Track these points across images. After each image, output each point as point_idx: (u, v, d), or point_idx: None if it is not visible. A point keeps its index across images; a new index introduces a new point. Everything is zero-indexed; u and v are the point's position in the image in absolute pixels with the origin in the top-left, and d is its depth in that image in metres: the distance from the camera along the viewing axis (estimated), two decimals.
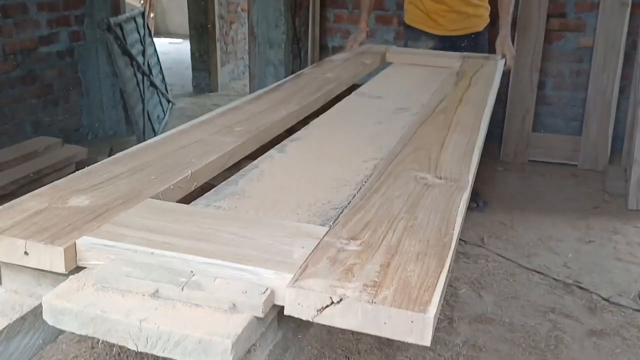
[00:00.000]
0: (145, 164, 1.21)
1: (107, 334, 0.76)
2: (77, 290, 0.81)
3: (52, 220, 0.94)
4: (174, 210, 1.02)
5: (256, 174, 1.28)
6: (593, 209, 3.40)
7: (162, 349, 0.74)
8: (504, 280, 2.67)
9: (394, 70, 2.54)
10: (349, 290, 0.77)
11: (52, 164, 3.41)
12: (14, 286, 0.93)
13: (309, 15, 4.43)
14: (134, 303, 0.78)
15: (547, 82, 4.10)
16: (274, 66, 4.34)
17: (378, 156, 1.40)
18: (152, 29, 6.72)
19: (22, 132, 3.88)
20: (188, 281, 0.80)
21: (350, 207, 1.06)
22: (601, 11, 3.86)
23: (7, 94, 3.77)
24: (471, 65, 2.46)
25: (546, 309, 2.44)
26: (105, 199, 1.03)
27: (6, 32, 3.73)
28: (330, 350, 2.15)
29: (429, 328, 0.73)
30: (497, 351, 2.18)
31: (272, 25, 4.23)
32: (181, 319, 0.75)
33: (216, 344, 0.72)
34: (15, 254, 0.88)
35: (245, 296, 0.77)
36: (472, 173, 1.28)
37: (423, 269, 0.84)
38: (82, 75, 4.40)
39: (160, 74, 5.48)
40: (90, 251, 0.88)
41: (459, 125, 1.59)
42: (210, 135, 1.42)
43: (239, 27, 7.37)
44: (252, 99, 1.82)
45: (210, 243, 0.89)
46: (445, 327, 2.30)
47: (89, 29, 4.38)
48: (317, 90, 1.95)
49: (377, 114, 1.77)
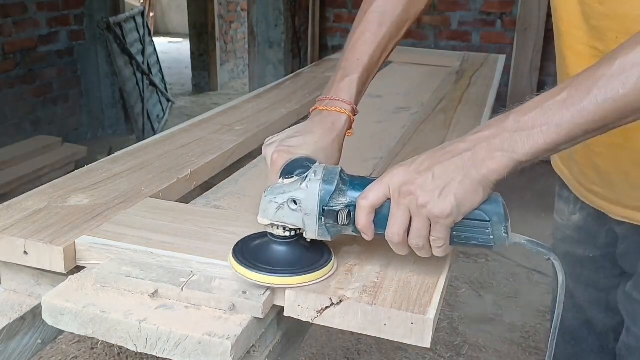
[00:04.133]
0: (145, 163, 1.21)
1: (107, 334, 0.76)
2: (76, 290, 0.81)
3: (51, 219, 0.93)
4: (173, 209, 1.02)
5: (256, 173, 1.28)
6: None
7: (162, 349, 0.73)
8: (504, 280, 2.67)
9: (393, 69, 2.54)
10: (349, 291, 0.77)
11: (52, 163, 3.42)
12: (13, 286, 0.92)
13: (309, 15, 4.43)
14: (133, 303, 0.78)
15: (547, 81, 4.10)
16: (273, 65, 4.35)
17: (378, 155, 1.40)
18: (151, 29, 6.73)
19: (22, 131, 3.88)
20: (188, 281, 0.80)
21: None
22: None
23: (6, 93, 3.77)
24: (471, 65, 2.46)
25: (546, 309, 2.44)
26: (105, 198, 1.03)
27: (6, 32, 3.73)
28: (331, 350, 2.15)
29: (429, 330, 0.73)
30: (497, 351, 2.18)
31: (271, 24, 4.23)
32: (181, 319, 0.75)
33: (216, 345, 0.71)
34: (14, 253, 0.87)
35: (245, 297, 0.77)
36: None
37: (423, 269, 0.84)
38: (81, 75, 4.40)
39: (159, 73, 5.49)
40: (89, 251, 0.87)
41: (459, 125, 1.59)
42: (210, 134, 1.42)
43: (238, 26, 7.38)
44: (252, 98, 1.81)
45: (210, 243, 0.88)
46: (445, 327, 2.30)
47: (88, 29, 4.38)
48: (317, 89, 1.95)
49: (376, 113, 1.77)
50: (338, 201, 0.77)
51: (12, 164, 3.30)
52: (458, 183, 0.71)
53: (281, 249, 0.80)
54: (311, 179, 0.77)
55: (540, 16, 3.94)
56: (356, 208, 0.76)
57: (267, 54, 4.33)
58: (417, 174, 0.72)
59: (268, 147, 0.91)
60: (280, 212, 0.78)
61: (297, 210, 0.77)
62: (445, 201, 0.70)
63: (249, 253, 0.80)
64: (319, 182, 0.77)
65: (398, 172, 0.74)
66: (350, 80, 0.97)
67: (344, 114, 0.95)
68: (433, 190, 0.71)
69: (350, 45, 1.00)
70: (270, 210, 0.78)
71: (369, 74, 1.00)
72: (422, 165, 0.73)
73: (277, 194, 0.78)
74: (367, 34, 0.99)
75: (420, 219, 0.72)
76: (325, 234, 0.78)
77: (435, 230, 0.72)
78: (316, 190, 0.77)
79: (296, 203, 0.77)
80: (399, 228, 0.73)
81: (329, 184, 0.77)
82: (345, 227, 0.78)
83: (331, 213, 0.76)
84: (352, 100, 0.96)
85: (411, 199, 0.72)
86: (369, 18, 1.00)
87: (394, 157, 1.33)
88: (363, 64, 0.98)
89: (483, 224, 0.74)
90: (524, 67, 3.97)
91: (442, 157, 0.73)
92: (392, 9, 1.00)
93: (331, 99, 0.96)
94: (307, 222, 0.77)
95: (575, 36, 0.98)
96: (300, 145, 0.89)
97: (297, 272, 0.77)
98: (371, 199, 0.74)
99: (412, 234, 0.74)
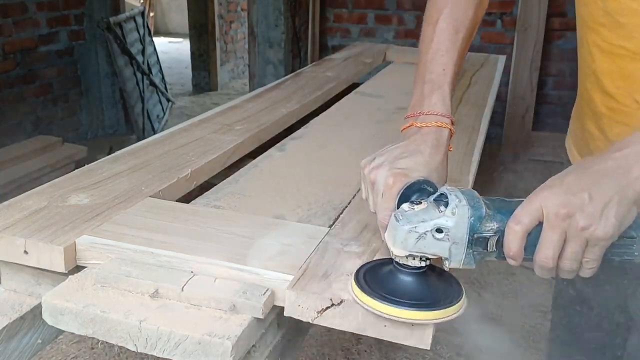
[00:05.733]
0: (145, 163, 1.21)
1: (107, 334, 0.76)
2: (76, 290, 0.81)
3: (51, 218, 0.93)
4: (173, 209, 1.02)
5: (256, 173, 1.28)
6: None
7: (162, 349, 0.73)
8: (504, 279, 2.67)
9: (394, 69, 2.54)
10: (350, 292, 0.77)
11: (52, 163, 3.42)
12: (13, 285, 0.92)
13: (309, 15, 4.43)
14: (133, 303, 0.78)
15: (547, 81, 4.10)
16: (273, 65, 4.34)
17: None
18: (151, 28, 6.73)
19: (22, 131, 3.88)
20: (188, 281, 0.80)
21: (350, 207, 1.06)
22: None
23: (6, 93, 3.77)
24: (471, 65, 2.46)
25: (546, 309, 2.44)
26: (105, 198, 1.03)
27: (6, 32, 3.73)
28: (330, 350, 2.15)
29: (429, 331, 0.73)
30: (497, 351, 2.18)
31: (271, 24, 4.23)
32: (181, 319, 0.75)
33: (216, 345, 0.71)
34: (14, 252, 0.87)
35: (245, 297, 0.77)
36: (472, 173, 1.28)
37: None
38: (81, 75, 4.40)
39: (160, 73, 5.49)
40: (89, 250, 0.87)
41: (459, 125, 1.59)
42: (210, 133, 1.42)
43: (238, 26, 7.38)
44: (252, 98, 1.81)
45: (211, 243, 0.88)
46: (445, 327, 2.30)
47: (88, 29, 4.38)
48: (317, 89, 1.95)
49: (377, 113, 1.77)
50: (487, 227, 0.72)
51: (12, 164, 3.30)
52: (616, 204, 0.69)
53: (413, 279, 0.75)
54: (457, 204, 0.71)
55: (540, 16, 3.94)
56: (506, 233, 0.71)
57: (267, 54, 4.33)
58: (572, 195, 0.69)
59: (378, 171, 0.83)
60: (421, 241, 0.72)
61: (442, 240, 0.72)
62: (607, 223, 0.69)
63: (375, 284, 0.75)
64: (467, 208, 0.71)
65: (550, 194, 0.70)
66: (443, 92, 0.93)
67: (445, 129, 0.90)
68: (593, 212, 0.68)
69: (429, 57, 0.96)
70: (410, 240, 0.72)
71: (455, 83, 0.97)
72: (575, 186, 0.70)
73: (416, 223, 0.72)
74: (446, 42, 0.97)
75: (578, 242, 0.70)
76: (470, 262, 0.73)
77: (591, 252, 0.70)
78: (465, 217, 0.71)
79: (441, 231, 0.71)
80: (553, 252, 0.70)
81: (477, 209, 0.72)
82: (491, 254, 0.73)
83: (481, 240, 0.72)
84: (448, 112, 0.92)
85: (570, 222, 0.69)
86: (442, 27, 0.97)
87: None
88: (450, 74, 0.95)
89: (630, 241, 0.73)
90: (524, 67, 3.97)
91: (594, 177, 0.71)
92: (464, 14, 0.98)
93: (427, 114, 0.91)
94: (453, 252, 0.72)
95: (600, 33, 0.97)
96: (414, 168, 0.83)
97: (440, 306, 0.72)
98: (525, 224, 0.70)
99: (567, 257, 0.71)
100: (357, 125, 1.64)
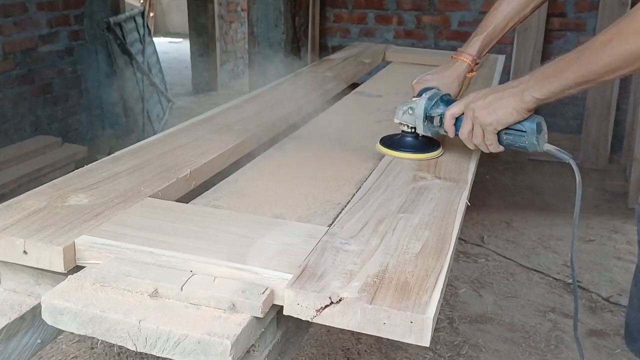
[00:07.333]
0: (145, 163, 1.21)
1: (106, 333, 0.76)
2: (76, 290, 0.81)
3: (51, 219, 0.93)
4: (173, 209, 1.02)
5: (255, 173, 1.28)
6: (593, 208, 3.40)
7: (162, 349, 0.73)
8: (504, 279, 2.67)
9: (393, 69, 2.54)
10: (348, 290, 0.77)
11: (52, 163, 3.41)
12: (13, 285, 0.92)
13: (309, 15, 4.43)
14: (133, 302, 0.78)
15: None
16: (273, 65, 4.34)
17: (378, 155, 1.40)
18: (151, 28, 6.72)
19: (22, 131, 3.88)
20: (187, 280, 0.80)
21: (349, 206, 1.06)
22: (601, 11, 3.85)
23: (6, 93, 3.76)
24: None
25: (546, 309, 2.44)
26: (105, 198, 1.03)
27: (6, 32, 3.73)
28: (330, 350, 2.15)
29: (428, 328, 0.73)
30: (497, 351, 2.18)
31: (271, 25, 4.22)
32: (180, 319, 0.75)
33: (215, 344, 0.71)
34: (14, 253, 0.87)
35: (244, 296, 0.77)
36: (471, 172, 1.28)
37: (422, 268, 0.84)
38: (81, 75, 4.39)
39: (159, 73, 5.48)
40: (89, 250, 0.87)
41: None
42: (210, 133, 1.42)
43: (238, 26, 7.37)
44: (252, 98, 1.81)
45: (210, 242, 0.88)
46: (445, 327, 2.30)
47: (88, 29, 4.37)
48: (316, 89, 1.95)
49: (376, 112, 1.77)
50: (435, 111, 1.28)
51: (12, 164, 3.30)
52: (500, 106, 1.14)
53: (409, 139, 1.35)
54: (422, 97, 1.31)
55: (540, 16, 3.94)
56: (445, 116, 1.24)
57: (267, 54, 4.33)
58: (479, 98, 1.17)
59: (415, 81, 1.44)
60: (404, 115, 1.33)
61: (412, 115, 1.32)
62: (490, 116, 1.15)
63: (390, 142, 1.37)
64: (425, 100, 1.30)
65: (470, 97, 1.20)
66: (477, 39, 1.44)
67: (465, 62, 1.45)
68: (484, 108, 1.16)
69: (488, 14, 1.45)
70: (399, 113, 1.34)
71: (492, 37, 1.45)
72: (486, 94, 1.17)
73: (406, 105, 1.33)
74: (500, 7, 1.43)
75: (478, 126, 1.18)
76: (427, 131, 1.31)
77: (487, 133, 1.18)
78: (423, 104, 1.29)
79: (413, 110, 1.31)
80: (467, 131, 1.20)
81: (431, 100, 1.29)
82: (439, 128, 1.28)
83: (429, 118, 1.29)
84: (475, 53, 1.44)
85: (473, 114, 1.18)
86: None
87: (394, 157, 1.34)
88: (489, 29, 1.44)
89: (521, 134, 1.17)
90: (524, 67, 3.96)
91: (499, 89, 1.16)
92: None
93: (461, 51, 1.46)
94: (417, 123, 1.31)
95: None
96: (430, 80, 1.42)
97: (420, 151, 1.33)
98: (452, 111, 1.23)
99: (475, 135, 1.19)
100: (356, 125, 1.64)
